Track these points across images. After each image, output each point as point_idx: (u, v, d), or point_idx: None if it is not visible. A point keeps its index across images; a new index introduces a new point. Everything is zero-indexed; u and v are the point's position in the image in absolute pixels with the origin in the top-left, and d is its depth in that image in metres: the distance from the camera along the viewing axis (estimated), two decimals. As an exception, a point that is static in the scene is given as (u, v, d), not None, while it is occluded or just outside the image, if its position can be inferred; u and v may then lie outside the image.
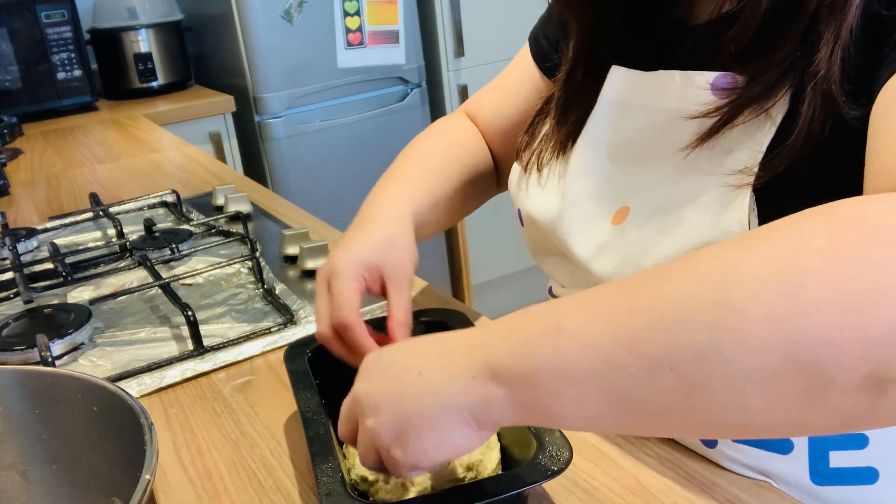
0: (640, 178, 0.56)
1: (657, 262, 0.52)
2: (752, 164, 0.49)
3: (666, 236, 0.52)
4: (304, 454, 0.62)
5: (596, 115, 0.60)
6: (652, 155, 0.56)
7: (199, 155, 1.66)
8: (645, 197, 0.55)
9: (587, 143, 0.60)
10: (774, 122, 0.48)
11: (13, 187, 1.52)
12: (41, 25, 2.10)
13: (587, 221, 0.59)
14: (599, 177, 0.59)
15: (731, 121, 0.50)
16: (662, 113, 0.55)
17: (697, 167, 0.52)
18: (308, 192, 2.31)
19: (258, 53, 2.19)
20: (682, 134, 0.53)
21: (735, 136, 0.50)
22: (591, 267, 0.58)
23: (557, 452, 0.49)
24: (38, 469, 0.53)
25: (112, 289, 0.94)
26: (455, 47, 2.45)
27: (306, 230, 1.01)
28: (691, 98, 0.52)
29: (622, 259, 0.55)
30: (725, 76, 0.51)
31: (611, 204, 0.58)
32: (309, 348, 0.64)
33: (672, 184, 0.54)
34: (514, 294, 2.83)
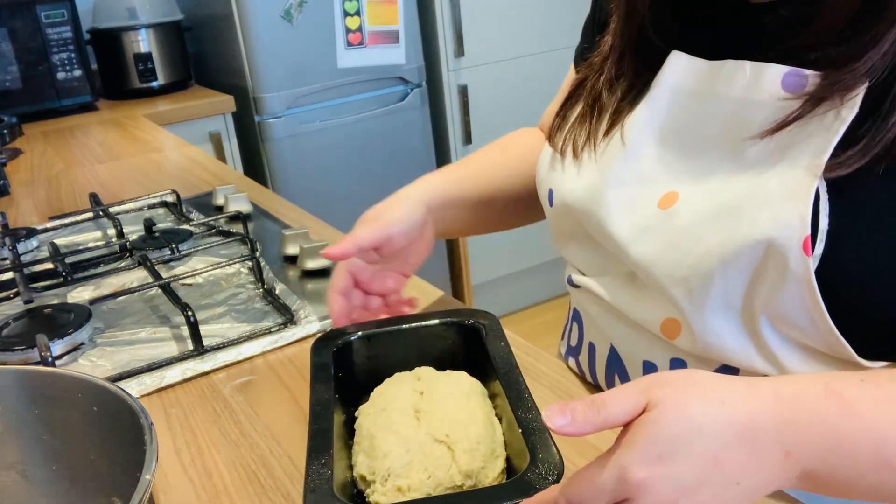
0: (691, 165, 0.56)
1: (707, 250, 0.51)
2: (818, 160, 0.48)
3: (719, 226, 0.51)
4: (304, 454, 0.62)
5: (651, 98, 0.59)
6: (708, 143, 0.55)
7: (199, 155, 1.66)
8: (696, 184, 0.55)
9: (636, 126, 0.59)
10: (844, 120, 0.48)
11: (13, 187, 1.52)
12: (41, 25, 2.10)
13: (630, 203, 0.58)
14: (647, 160, 0.58)
15: (800, 117, 0.49)
16: (727, 102, 0.54)
17: (759, 159, 0.51)
18: (308, 192, 2.31)
19: (258, 53, 2.19)
20: (747, 125, 0.52)
21: (802, 130, 0.50)
22: (629, 249, 0.57)
23: (549, 469, 0.48)
24: (38, 469, 0.53)
25: (112, 289, 0.94)
26: (455, 47, 2.45)
27: (306, 230, 1.01)
28: (760, 91, 0.52)
29: (666, 243, 0.54)
30: (799, 73, 0.50)
31: (657, 187, 0.57)
32: (339, 340, 0.64)
33: (728, 174, 0.53)
34: (515, 294, 2.84)
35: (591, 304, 0.65)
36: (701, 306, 0.53)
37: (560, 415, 0.40)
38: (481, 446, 0.53)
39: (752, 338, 0.52)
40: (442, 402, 0.56)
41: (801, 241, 0.47)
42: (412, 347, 0.65)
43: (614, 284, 0.62)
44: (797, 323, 0.50)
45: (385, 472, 0.51)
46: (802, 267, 0.47)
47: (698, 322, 0.53)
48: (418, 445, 0.52)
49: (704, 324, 0.53)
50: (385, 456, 0.52)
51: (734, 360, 0.53)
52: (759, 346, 0.52)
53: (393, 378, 0.61)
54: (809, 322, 0.49)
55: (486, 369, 0.61)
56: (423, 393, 0.57)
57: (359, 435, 0.55)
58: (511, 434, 0.55)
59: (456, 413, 0.55)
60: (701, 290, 0.52)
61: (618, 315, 0.62)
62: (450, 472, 0.51)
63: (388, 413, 0.55)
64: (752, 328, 0.52)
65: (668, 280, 0.54)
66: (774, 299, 0.49)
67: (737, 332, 0.53)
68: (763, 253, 0.49)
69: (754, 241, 0.49)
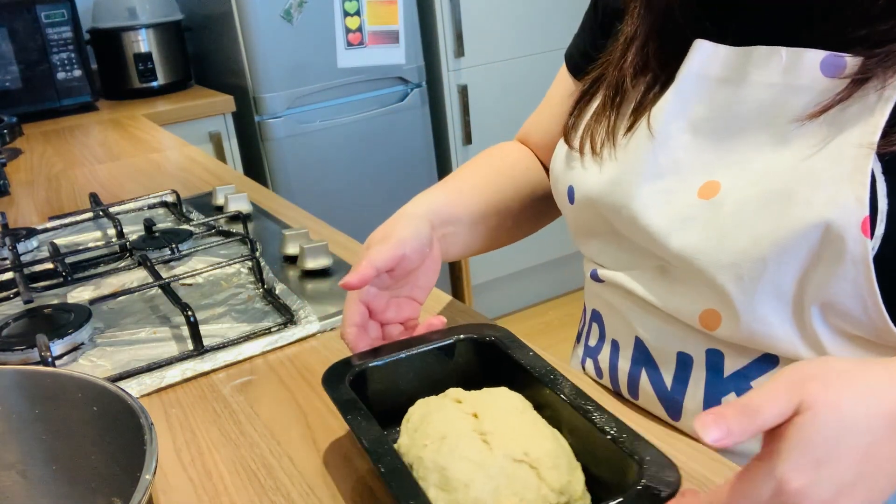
0: (728, 152, 0.55)
1: (760, 236, 0.51)
2: (869, 139, 0.48)
3: (770, 211, 0.51)
4: (306, 454, 0.62)
5: (677, 87, 0.58)
6: (744, 129, 0.55)
7: (199, 155, 1.66)
8: (737, 171, 0.54)
9: (664, 116, 0.59)
10: (889, 99, 0.47)
11: (13, 187, 1.52)
12: (41, 25, 2.10)
13: (668, 194, 0.57)
14: (679, 150, 0.58)
15: (845, 99, 0.49)
16: (763, 88, 0.54)
17: (803, 143, 0.51)
18: (308, 192, 2.31)
19: (258, 53, 2.19)
20: (787, 109, 0.52)
21: (845, 113, 0.49)
22: (668, 241, 0.56)
23: (660, 472, 0.46)
24: (38, 469, 0.53)
25: (112, 289, 0.94)
26: (455, 47, 2.45)
27: (306, 230, 1.01)
28: (800, 76, 0.51)
29: (712, 232, 0.54)
30: (837, 57, 0.50)
31: (695, 177, 0.57)
32: (349, 371, 0.59)
33: (771, 159, 0.53)
34: (514, 294, 2.84)
35: (619, 299, 0.64)
36: (751, 293, 0.52)
37: (715, 427, 0.38)
38: (561, 460, 0.50)
39: (800, 326, 0.52)
40: (504, 421, 0.53)
41: (859, 222, 0.47)
42: (424, 370, 0.62)
43: (645, 278, 0.61)
44: (848, 310, 0.50)
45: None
46: (861, 248, 0.47)
47: (746, 310, 0.53)
48: (499, 470, 0.49)
49: (753, 311, 0.52)
50: (467, 486, 0.48)
51: (778, 348, 0.53)
52: (805, 334, 0.52)
53: (425, 403, 0.57)
54: (861, 309, 0.49)
55: (514, 381, 0.59)
56: (476, 415, 0.53)
57: (422, 469, 0.51)
58: (579, 441, 0.53)
59: (523, 430, 0.52)
60: (752, 276, 0.52)
61: (648, 308, 0.61)
62: (541, 492, 0.48)
63: (450, 441, 0.51)
64: (800, 316, 0.52)
65: (715, 268, 0.53)
66: (827, 285, 0.49)
67: (784, 320, 0.52)
68: (820, 236, 0.48)
69: (811, 225, 0.48)
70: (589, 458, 0.52)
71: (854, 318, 0.50)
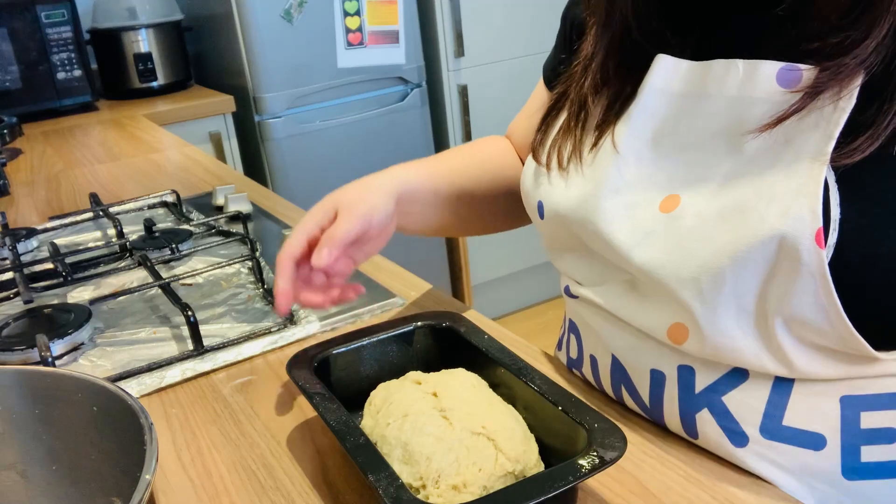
0: (689, 167, 0.56)
1: (717, 250, 0.51)
2: (823, 150, 0.48)
3: (727, 224, 0.51)
4: (306, 454, 0.62)
5: (640, 103, 0.58)
6: (705, 143, 0.55)
7: (199, 155, 1.66)
8: (697, 185, 0.55)
9: (627, 131, 0.59)
10: (844, 110, 0.48)
11: (13, 187, 1.52)
12: (41, 25, 2.10)
13: (630, 209, 0.58)
14: (642, 165, 0.58)
15: (800, 110, 0.49)
16: (721, 101, 0.54)
17: (760, 155, 0.51)
18: (308, 192, 2.31)
19: (258, 53, 2.19)
20: (744, 122, 0.52)
21: (802, 124, 0.49)
22: (631, 255, 0.56)
23: (606, 438, 0.50)
24: (38, 469, 0.53)
25: (112, 289, 0.94)
26: (455, 47, 2.45)
27: (306, 230, 1.00)
28: (756, 88, 0.52)
29: (672, 246, 0.54)
30: (794, 68, 0.50)
31: (656, 192, 0.57)
32: (314, 359, 0.63)
33: (729, 172, 0.53)
34: (514, 294, 2.84)
35: (591, 315, 0.65)
36: (713, 307, 0.52)
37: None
38: (516, 432, 0.54)
39: (764, 338, 0.52)
40: (462, 399, 0.56)
41: (813, 234, 0.47)
42: (385, 357, 0.66)
43: (615, 293, 0.61)
44: (811, 321, 0.50)
45: (435, 475, 0.51)
46: (816, 259, 0.47)
47: (709, 324, 0.53)
48: (458, 442, 0.52)
49: (716, 325, 0.53)
50: (429, 459, 0.52)
51: (745, 360, 0.53)
52: (770, 346, 0.52)
53: (386, 386, 0.61)
54: (824, 319, 0.49)
55: (471, 363, 0.62)
56: (436, 394, 0.57)
57: (386, 446, 0.55)
58: (532, 415, 0.57)
59: (480, 406, 0.56)
60: (712, 290, 0.52)
61: (620, 325, 0.61)
62: (498, 461, 0.52)
63: (412, 418, 0.55)
64: (764, 329, 0.52)
65: (677, 282, 0.54)
66: (788, 297, 0.49)
67: (749, 333, 0.52)
68: (776, 248, 0.49)
69: (766, 237, 0.49)
70: (543, 430, 0.56)
71: (818, 328, 0.50)
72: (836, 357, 0.51)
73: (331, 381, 0.63)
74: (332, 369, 0.64)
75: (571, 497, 0.53)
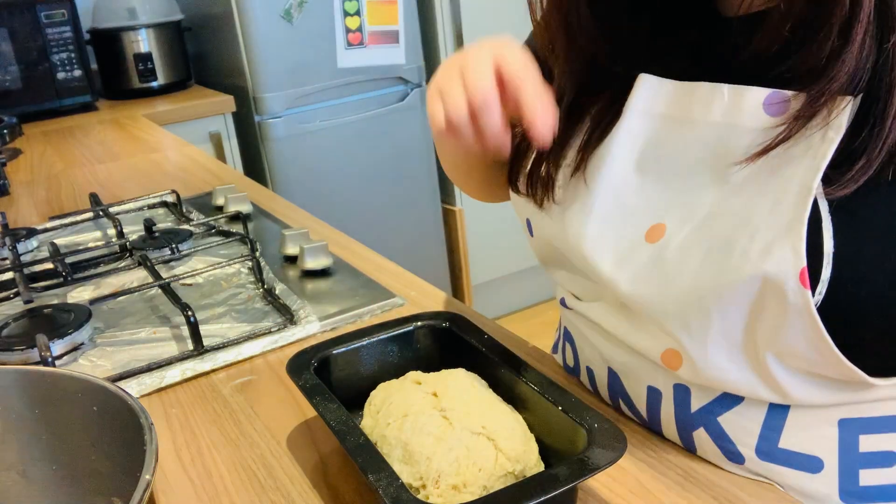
0: (676, 194, 0.53)
1: (701, 286, 0.49)
2: (808, 184, 0.46)
3: (711, 260, 0.49)
4: (305, 454, 0.62)
5: (623, 125, 0.56)
6: (691, 171, 0.53)
7: (199, 155, 1.66)
8: (683, 214, 0.52)
9: (612, 156, 0.56)
10: (832, 141, 0.45)
11: (13, 187, 1.52)
12: (41, 25, 2.10)
13: (616, 237, 0.56)
14: (627, 190, 0.56)
15: (786, 139, 0.47)
16: (706, 127, 0.51)
17: (746, 187, 0.49)
18: (308, 192, 2.31)
19: (258, 53, 2.19)
20: (730, 151, 0.50)
21: (789, 153, 0.47)
22: (619, 284, 0.55)
23: (606, 439, 0.50)
24: (38, 469, 0.53)
25: (112, 289, 0.94)
26: (455, 47, 2.45)
27: (306, 230, 1.01)
28: (742, 115, 0.49)
29: (658, 279, 0.52)
30: (780, 95, 0.48)
31: (643, 220, 0.55)
32: (313, 359, 0.63)
33: (715, 203, 0.51)
34: (514, 294, 2.84)
35: (587, 328, 0.63)
36: (702, 341, 0.51)
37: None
38: (516, 432, 0.54)
39: (757, 370, 0.50)
40: (462, 399, 0.56)
41: (797, 274, 0.45)
42: (385, 357, 0.65)
43: (609, 312, 0.59)
44: (804, 355, 0.48)
45: (435, 475, 0.51)
46: (802, 300, 0.45)
47: (700, 357, 0.51)
48: (458, 442, 0.52)
49: (706, 358, 0.51)
50: (429, 459, 0.52)
51: (739, 390, 0.52)
52: (764, 377, 0.50)
53: (386, 386, 0.61)
54: (817, 354, 0.48)
55: (471, 363, 0.62)
56: (436, 394, 0.57)
57: (386, 446, 0.55)
58: (532, 415, 0.56)
59: (480, 406, 0.56)
60: (699, 325, 0.50)
61: (616, 341, 0.60)
62: (498, 461, 0.52)
63: (412, 418, 0.55)
64: (756, 361, 0.50)
65: (664, 316, 0.52)
66: (777, 334, 0.48)
67: (741, 365, 0.51)
68: (759, 287, 0.47)
69: (749, 276, 0.47)
70: (543, 430, 0.56)
71: (812, 361, 0.48)
72: (832, 384, 0.50)
73: (331, 381, 0.63)
74: (332, 369, 0.64)
75: (571, 497, 0.53)
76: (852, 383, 0.49)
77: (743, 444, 0.53)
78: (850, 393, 0.50)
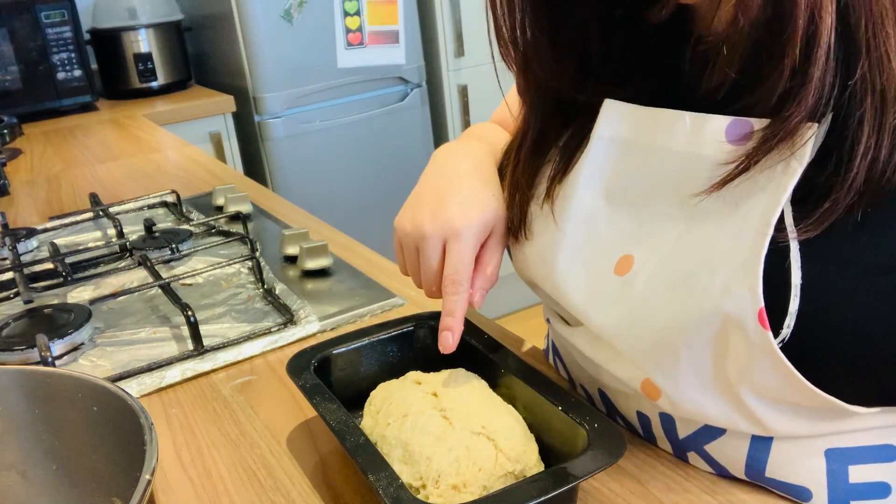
0: (643, 224, 0.52)
1: (666, 323, 0.48)
2: (767, 220, 0.44)
3: (674, 296, 0.48)
4: (305, 454, 0.62)
5: (590, 153, 0.55)
6: (657, 199, 0.51)
7: (199, 155, 1.66)
8: (650, 245, 0.51)
9: (580, 185, 0.55)
10: (794, 173, 0.44)
11: (13, 187, 1.52)
12: (41, 25, 2.10)
13: (585, 269, 0.55)
14: (599, 220, 0.55)
15: (747, 169, 0.46)
16: (670, 155, 0.50)
17: (709, 219, 0.48)
18: (308, 192, 2.31)
19: (258, 53, 2.19)
20: (693, 181, 0.48)
21: (754, 185, 0.46)
22: (590, 317, 0.54)
23: (606, 439, 0.50)
24: (38, 469, 0.53)
25: (112, 289, 0.94)
26: (455, 47, 2.45)
27: (306, 230, 1.01)
28: (704, 143, 0.48)
29: (626, 314, 0.51)
30: (742, 123, 0.46)
31: (612, 251, 0.53)
32: (313, 359, 0.63)
33: (680, 235, 0.49)
34: (514, 294, 2.83)
35: (575, 351, 0.62)
36: (673, 378, 0.50)
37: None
38: (516, 432, 0.54)
39: (733, 404, 0.49)
40: (462, 399, 0.56)
41: (755, 314, 0.44)
42: (385, 357, 0.66)
43: (591, 339, 0.58)
44: (776, 388, 0.47)
45: (435, 475, 0.51)
46: (762, 340, 0.44)
47: (674, 393, 0.50)
48: (458, 442, 0.52)
49: (681, 394, 0.50)
50: (429, 459, 0.51)
51: (718, 423, 0.51)
52: (740, 410, 0.49)
53: (386, 386, 0.61)
54: (789, 388, 0.46)
55: (471, 363, 0.62)
56: (436, 394, 0.57)
57: (386, 445, 0.55)
58: (532, 415, 0.56)
59: (480, 406, 0.56)
60: (668, 362, 0.49)
61: (600, 368, 0.58)
62: (498, 461, 0.52)
63: (412, 418, 0.55)
64: (730, 395, 0.49)
65: (633, 352, 0.51)
66: (747, 369, 0.46)
67: (716, 400, 0.49)
68: (720, 325, 0.46)
69: (709, 314, 0.46)
70: (543, 430, 0.56)
71: (785, 392, 0.47)
72: (812, 413, 0.48)
73: (331, 381, 0.63)
74: (332, 369, 0.64)
75: (571, 497, 0.53)
76: (833, 412, 0.48)
77: (733, 468, 0.53)
78: (832, 422, 0.48)
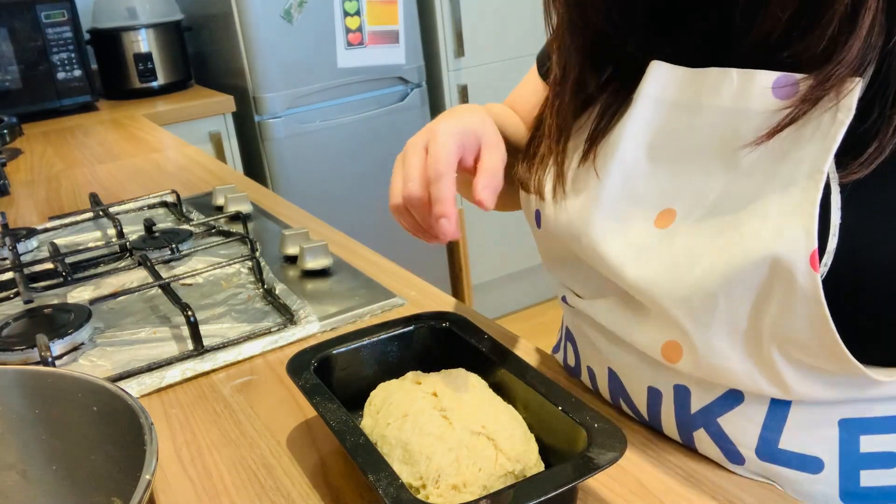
0: (685, 180, 0.54)
1: (709, 269, 0.49)
2: (820, 167, 0.46)
3: (721, 242, 0.49)
4: (306, 454, 0.62)
5: (634, 112, 0.56)
6: (701, 156, 0.53)
7: (199, 155, 1.66)
8: (692, 199, 0.53)
9: (623, 144, 0.57)
10: (842, 123, 0.46)
11: (13, 187, 1.52)
12: (41, 25, 2.10)
13: (624, 224, 0.56)
14: (637, 177, 0.56)
15: (795, 120, 0.47)
16: (716, 112, 0.52)
17: (756, 170, 0.49)
18: (308, 192, 2.32)
19: (258, 53, 2.19)
20: (740, 135, 0.50)
21: (800, 136, 0.47)
22: (624, 272, 0.54)
23: (606, 439, 0.50)
24: (38, 469, 0.53)
25: (112, 289, 0.94)
26: (455, 47, 2.45)
27: (306, 230, 1.01)
28: (751, 99, 0.50)
29: (666, 263, 0.52)
30: (788, 78, 0.48)
31: (652, 206, 0.55)
32: (313, 359, 0.63)
33: (725, 187, 0.51)
34: (514, 294, 2.84)
35: (588, 328, 0.64)
36: (705, 327, 0.51)
37: None
38: (516, 432, 0.54)
39: (759, 361, 0.50)
40: (461, 399, 0.56)
41: (807, 256, 0.45)
42: (385, 357, 0.65)
43: (611, 308, 0.59)
44: (806, 344, 0.48)
45: (435, 475, 0.51)
46: (810, 283, 0.45)
47: (702, 344, 0.51)
48: (458, 442, 0.52)
49: (709, 346, 0.51)
50: (429, 459, 0.52)
51: (739, 382, 0.52)
52: (765, 369, 0.50)
53: (386, 386, 0.61)
54: (819, 343, 0.47)
55: (471, 363, 0.62)
56: (436, 394, 0.57)
57: (386, 446, 0.55)
58: (532, 415, 0.57)
59: (480, 406, 0.56)
60: (704, 310, 0.50)
61: (617, 340, 0.60)
62: (498, 461, 0.52)
63: (412, 418, 0.55)
64: (758, 351, 0.50)
65: (669, 301, 0.52)
66: (781, 320, 0.48)
67: (742, 354, 0.51)
68: (768, 269, 0.47)
69: (759, 258, 0.47)
70: (543, 430, 0.56)
71: (815, 353, 0.48)
72: (834, 380, 0.50)
73: (331, 381, 0.63)
74: (332, 369, 0.64)
75: (571, 497, 0.53)
76: (854, 380, 0.49)
77: (743, 444, 0.53)
78: (853, 390, 0.50)
